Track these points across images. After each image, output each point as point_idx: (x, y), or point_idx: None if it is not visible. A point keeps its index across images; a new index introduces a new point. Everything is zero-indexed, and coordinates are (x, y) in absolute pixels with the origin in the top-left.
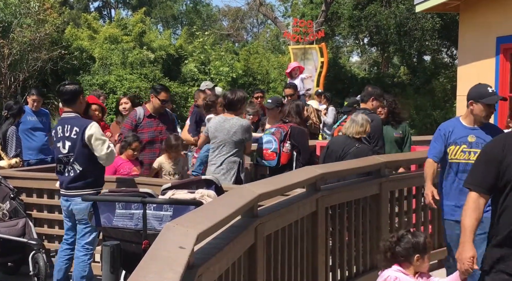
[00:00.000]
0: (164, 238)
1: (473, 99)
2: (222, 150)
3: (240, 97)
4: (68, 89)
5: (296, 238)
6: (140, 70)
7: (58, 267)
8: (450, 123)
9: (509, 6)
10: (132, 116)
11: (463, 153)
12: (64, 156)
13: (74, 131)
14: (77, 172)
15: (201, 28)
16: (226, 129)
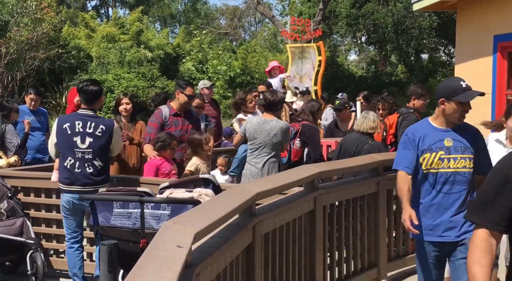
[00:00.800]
0: (162, 237)
1: (444, 96)
2: (262, 152)
3: (281, 98)
4: (92, 90)
5: (294, 237)
6: (137, 69)
7: (77, 265)
8: (419, 126)
9: (506, 4)
10: (158, 115)
11: (441, 161)
12: (81, 151)
13: (99, 129)
14: (98, 168)
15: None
16: (266, 131)
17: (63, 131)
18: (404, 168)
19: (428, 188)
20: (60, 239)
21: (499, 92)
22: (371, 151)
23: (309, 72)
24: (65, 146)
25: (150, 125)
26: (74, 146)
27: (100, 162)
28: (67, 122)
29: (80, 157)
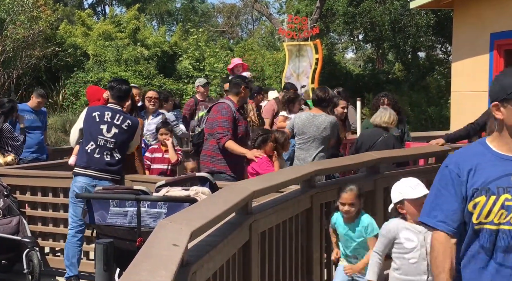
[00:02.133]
0: (158, 236)
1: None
2: (311, 146)
3: (332, 96)
4: (124, 89)
5: (290, 235)
6: (134, 67)
7: (76, 255)
8: (470, 151)
9: (503, 2)
10: (229, 109)
11: (505, 210)
12: (105, 139)
13: (126, 123)
14: (115, 159)
15: (196, 24)
16: (316, 125)
17: (92, 119)
18: (442, 225)
19: (479, 256)
20: (56, 238)
21: None
22: (384, 144)
23: (306, 70)
24: (90, 132)
25: (225, 118)
26: (99, 133)
27: (119, 154)
28: (97, 111)
29: (102, 145)
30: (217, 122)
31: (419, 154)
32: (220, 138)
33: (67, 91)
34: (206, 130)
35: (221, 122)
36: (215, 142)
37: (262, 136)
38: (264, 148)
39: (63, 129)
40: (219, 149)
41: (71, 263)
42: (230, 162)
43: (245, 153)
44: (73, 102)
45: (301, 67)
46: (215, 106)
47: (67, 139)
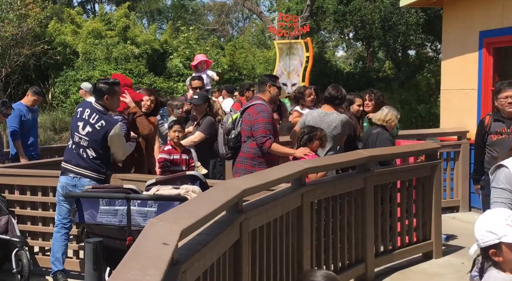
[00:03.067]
0: (148, 235)
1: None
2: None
3: (345, 94)
4: (99, 87)
5: (281, 233)
6: (125, 65)
7: (61, 250)
8: None
9: (492, 0)
10: (268, 110)
11: None
12: (79, 136)
13: (100, 123)
14: (90, 157)
15: (186, 23)
16: (327, 123)
17: (75, 115)
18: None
19: None
20: (46, 237)
21: (485, 88)
22: (373, 141)
23: (297, 68)
24: (71, 128)
25: (266, 120)
26: (76, 130)
27: (93, 153)
28: (80, 108)
29: (77, 141)
30: (258, 124)
31: (409, 152)
32: (264, 141)
33: (57, 90)
34: (244, 132)
35: (262, 124)
36: (255, 145)
37: (308, 134)
38: (310, 146)
39: (53, 127)
40: (260, 152)
41: (56, 259)
42: (271, 164)
43: (293, 153)
44: (62, 100)
45: (291, 65)
46: (253, 108)
47: (56, 137)
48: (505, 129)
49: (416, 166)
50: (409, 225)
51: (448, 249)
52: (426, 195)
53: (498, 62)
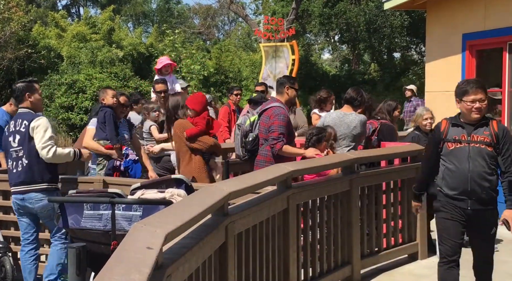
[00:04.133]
0: (131, 239)
1: None
2: (342, 144)
3: (365, 98)
4: (18, 87)
5: (267, 236)
6: (110, 68)
7: (27, 269)
8: None
9: (475, 3)
10: (285, 113)
11: None
12: (14, 150)
13: (23, 124)
14: (24, 166)
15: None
16: (346, 123)
17: (5, 133)
18: None
19: None
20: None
21: None
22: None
23: (283, 71)
24: (4, 148)
25: (281, 124)
26: (10, 147)
27: (26, 160)
28: (9, 124)
29: (14, 157)
30: (273, 127)
31: (395, 154)
32: (275, 143)
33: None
34: (261, 135)
35: (277, 127)
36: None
37: (316, 135)
38: (319, 147)
39: None
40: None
41: (24, 277)
42: None
43: (303, 153)
44: (47, 104)
45: (277, 68)
46: (270, 110)
47: None
48: (465, 137)
49: (401, 167)
50: (395, 227)
51: (434, 249)
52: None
53: (480, 64)
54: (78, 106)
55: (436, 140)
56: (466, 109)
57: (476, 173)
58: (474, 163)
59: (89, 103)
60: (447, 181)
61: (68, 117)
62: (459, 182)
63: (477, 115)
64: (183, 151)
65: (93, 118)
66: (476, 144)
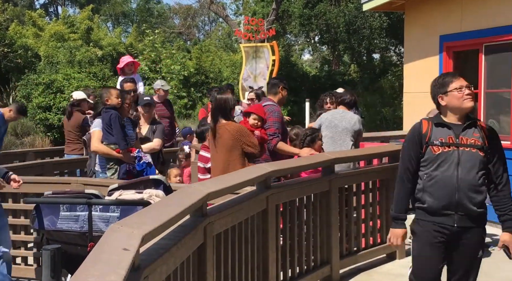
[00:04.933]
0: (108, 240)
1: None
2: (346, 138)
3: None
4: None
5: (246, 236)
6: (88, 68)
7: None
8: None
9: (452, 5)
10: (279, 110)
11: None
12: None
13: None
14: None
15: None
16: (347, 119)
17: None
18: None
19: None
20: (16, 244)
21: None
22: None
23: (263, 72)
24: None
25: (276, 120)
26: None
27: None
28: None
29: None
30: (268, 123)
31: (374, 154)
32: (270, 139)
33: (18, 93)
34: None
35: (272, 123)
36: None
37: (310, 135)
38: (313, 146)
39: (14, 132)
40: (270, 151)
41: None
42: None
43: (299, 153)
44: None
45: (258, 68)
46: (264, 108)
47: (18, 142)
48: (453, 139)
49: (379, 168)
50: (373, 227)
51: None
52: (389, 197)
53: (457, 66)
54: (56, 106)
55: (416, 144)
56: (457, 99)
57: (466, 183)
58: (463, 171)
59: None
60: (428, 193)
61: (45, 117)
62: (444, 194)
63: (471, 102)
64: (234, 155)
65: (97, 119)
66: (466, 148)
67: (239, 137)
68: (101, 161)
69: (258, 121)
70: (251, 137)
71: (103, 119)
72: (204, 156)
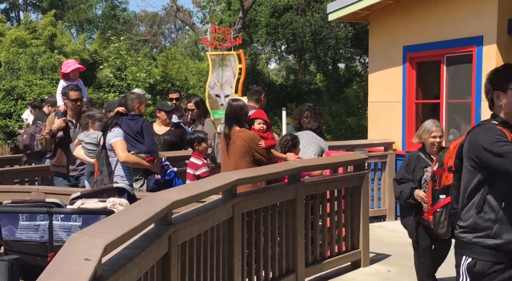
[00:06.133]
0: (68, 250)
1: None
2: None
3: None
4: None
5: (212, 245)
6: (51, 75)
7: None
8: None
9: (414, 16)
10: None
11: None
12: None
13: None
14: None
15: (118, 33)
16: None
17: None
18: None
19: None
20: None
21: (409, 101)
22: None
23: (230, 80)
24: None
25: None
26: None
27: None
28: None
29: None
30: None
31: (339, 163)
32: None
33: None
34: None
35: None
36: None
37: (292, 141)
38: (294, 151)
39: None
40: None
41: None
42: None
43: (285, 157)
44: None
45: (224, 76)
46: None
47: None
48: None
49: (345, 176)
50: (339, 235)
51: (375, 257)
52: (354, 205)
53: (420, 76)
54: (17, 113)
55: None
56: None
57: None
58: None
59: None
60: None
61: (6, 124)
62: None
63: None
64: (246, 162)
65: (116, 129)
66: None
67: (251, 144)
68: (126, 172)
69: (264, 125)
70: (268, 144)
71: (129, 127)
72: (194, 163)
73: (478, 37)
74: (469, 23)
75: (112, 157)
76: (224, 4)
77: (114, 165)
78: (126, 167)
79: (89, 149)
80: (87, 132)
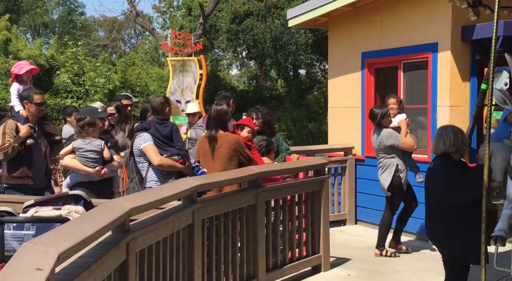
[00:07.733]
0: (19, 260)
1: None
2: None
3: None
4: None
5: (171, 252)
6: (6, 80)
7: None
8: None
9: (372, 23)
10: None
11: None
12: None
13: None
14: None
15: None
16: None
17: None
18: None
19: None
20: None
21: (368, 106)
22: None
23: (190, 86)
24: None
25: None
26: None
27: None
28: None
29: None
30: None
31: (299, 168)
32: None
33: None
34: None
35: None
36: None
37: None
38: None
39: None
40: None
41: None
42: None
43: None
44: None
45: (185, 82)
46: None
47: None
48: None
49: (305, 181)
50: (299, 240)
51: (336, 261)
52: (315, 210)
53: (379, 82)
54: None
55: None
56: None
57: None
58: None
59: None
60: None
61: None
62: None
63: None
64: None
65: (143, 134)
66: None
67: (237, 148)
68: (159, 176)
69: (251, 134)
70: (246, 149)
71: (157, 131)
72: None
73: (433, 44)
74: (424, 30)
75: (142, 163)
76: (185, 10)
77: (146, 170)
78: (159, 171)
79: (90, 157)
80: (86, 139)
